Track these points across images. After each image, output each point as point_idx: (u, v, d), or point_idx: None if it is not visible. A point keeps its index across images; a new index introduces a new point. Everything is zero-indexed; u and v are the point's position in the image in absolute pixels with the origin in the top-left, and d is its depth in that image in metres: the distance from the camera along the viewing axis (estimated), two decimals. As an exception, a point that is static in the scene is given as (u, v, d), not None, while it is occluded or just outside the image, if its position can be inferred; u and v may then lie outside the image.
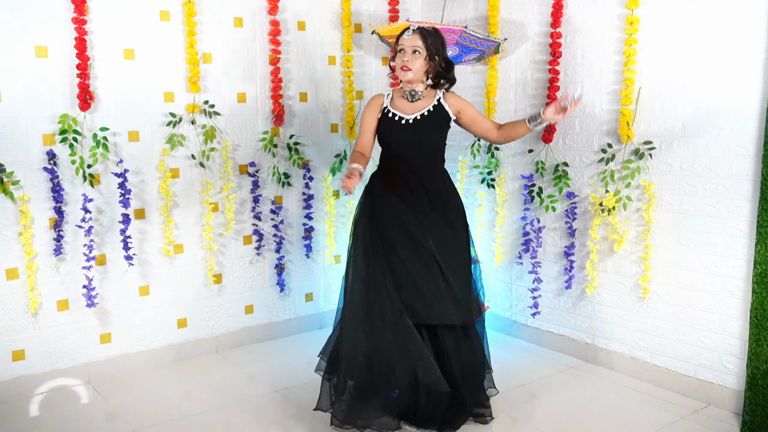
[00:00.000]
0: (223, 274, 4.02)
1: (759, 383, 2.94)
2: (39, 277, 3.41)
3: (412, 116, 3.08)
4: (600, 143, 3.59)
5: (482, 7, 4.12)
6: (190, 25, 3.66)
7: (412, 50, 3.00)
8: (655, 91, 3.33)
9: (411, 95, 3.10)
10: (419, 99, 3.10)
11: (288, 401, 3.37)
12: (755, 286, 2.95)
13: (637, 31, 3.33)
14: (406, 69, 3.02)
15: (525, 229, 3.97)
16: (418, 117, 3.08)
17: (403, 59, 3.02)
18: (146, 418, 3.18)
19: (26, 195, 3.32)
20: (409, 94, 3.11)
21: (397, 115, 3.09)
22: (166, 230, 3.72)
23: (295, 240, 4.25)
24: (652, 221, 3.38)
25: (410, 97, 3.10)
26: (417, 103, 3.11)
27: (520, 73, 3.98)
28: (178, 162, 3.76)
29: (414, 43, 3.00)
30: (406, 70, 3.02)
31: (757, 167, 2.98)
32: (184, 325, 3.91)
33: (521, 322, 4.15)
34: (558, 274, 3.89)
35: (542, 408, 3.27)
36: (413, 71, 3.02)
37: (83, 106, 3.40)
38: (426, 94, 3.12)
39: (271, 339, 4.21)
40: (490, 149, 4.12)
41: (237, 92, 3.92)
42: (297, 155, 4.13)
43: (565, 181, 3.74)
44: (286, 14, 4.05)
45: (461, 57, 3.60)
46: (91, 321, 3.60)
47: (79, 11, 3.34)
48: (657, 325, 3.45)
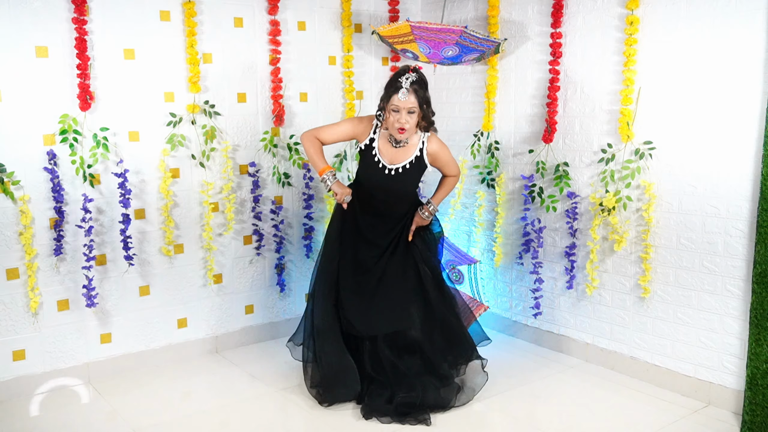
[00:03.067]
0: (223, 274, 4.02)
1: (759, 383, 2.94)
2: (39, 277, 3.41)
3: (395, 167, 3.20)
4: (600, 143, 3.59)
5: (482, 7, 4.12)
6: (190, 25, 3.66)
7: (407, 111, 3.07)
8: (655, 91, 3.33)
9: (396, 142, 3.20)
10: (403, 146, 3.21)
11: (288, 401, 3.37)
12: (755, 286, 2.95)
13: (637, 31, 3.33)
14: (402, 131, 3.10)
15: (525, 230, 3.97)
16: (400, 169, 3.20)
17: (399, 121, 3.08)
18: (146, 418, 3.18)
19: (26, 195, 3.32)
20: (394, 140, 3.20)
21: (381, 162, 3.20)
22: (166, 230, 3.72)
23: (295, 240, 4.25)
24: (652, 221, 3.38)
25: (395, 143, 3.20)
26: (400, 150, 3.21)
27: (520, 73, 3.98)
28: (178, 162, 3.76)
29: (409, 105, 3.05)
30: (402, 131, 3.11)
31: (757, 167, 2.98)
32: (184, 325, 3.91)
33: (521, 322, 4.15)
34: (558, 275, 3.89)
35: (542, 408, 3.27)
36: (408, 131, 3.12)
37: (83, 106, 3.40)
38: (410, 140, 3.22)
39: (271, 339, 4.21)
40: (490, 149, 4.12)
41: (237, 92, 3.92)
42: (297, 155, 4.13)
43: (565, 181, 3.74)
44: (286, 14, 4.05)
45: (461, 57, 3.60)
46: (91, 321, 3.60)
47: (79, 11, 3.34)
48: (657, 325, 3.45)
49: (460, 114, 4.33)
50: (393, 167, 3.19)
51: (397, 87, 3.05)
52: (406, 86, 3.03)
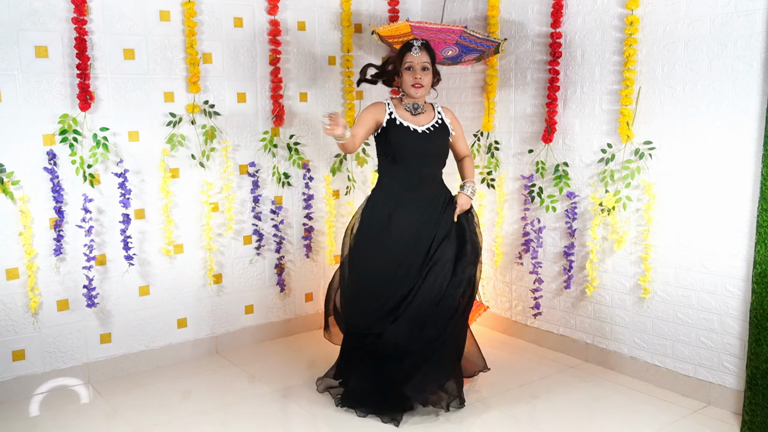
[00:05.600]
0: (223, 274, 4.02)
1: (759, 383, 2.94)
2: (39, 277, 3.41)
3: (424, 127, 3.17)
4: (600, 143, 3.59)
5: (482, 7, 4.12)
6: (190, 25, 3.66)
7: (421, 67, 3.11)
8: (655, 91, 3.33)
9: (414, 108, 3.19)
10: (421, 112, 3.20)
11: (288, 401, 3.37)
12: (755, 286, 2.95)
13: (637, 31, 3.33)
14: (418, 86, 3.12)
15: (525, 229, 3.97)
16: (431, 128, 3.19)
17: (415, 77, 3.10)
18: (146, 418, 3.18)
19: (26, 195, 3.32)
20: (412, 107, 3.19)
21: (411, 126, 3.16)
22: (166, 230, 3.72)
23: (295, 240, 4.25)
24: (652, 221, 3.38)
25: (413, 110, 3.20)
26: (420, 116, 3.20)
27: (520, 73, 3.98)
28: (178, 162, 3.76)
29: (423, 60, 3.10)
30: (418, 87, 3.12)
31: (757, 167, 2.98)
32: (184, 325, 3.91)
33: (521, 322, 4.15)
34: (558, 274, 3.89)
35: (542, 408, 3.27)
36: (425, 87, 3.13)
37: (83, 106, 3.40)
38: (426, 107, 3.22)
39: (271, 339, 4.21)
40: (489, 149, 4.12)
41: (237, 92, 3.92)
42: (297, 155, 4.14)
43: (565, 181, 3.74)
44: (286, 14, 4.05)
45: (461, 57, 3.60)
46: (91, 321, 3.60)
47: (79, 11, 3.34)
48: (657, 325, 3.45)
49: (460, 114, 4.33)
50: (422, 127, 3.18)
51: (410, 46, 3.14)
52: (418, 45, 3.13)
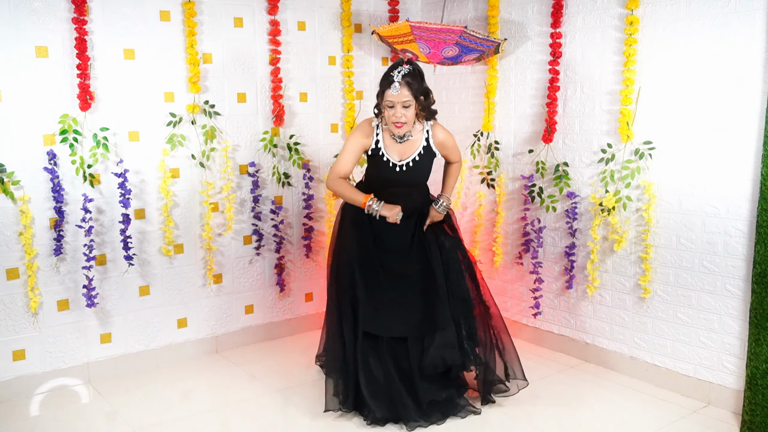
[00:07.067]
0: (223, 274, 4.02)
1: (758, 383, 2.94)
2: (39, 277, 3.41)
3: (404, 162, 3.15)
4: (600, 143, 3.59)
5: (482, 7, 4.12)
6: (190, 25, 3.66)
7: (402, 105, 3.00)
8: (655, 91, 3.33)
9: (399, 137, 3.14)
10: (408, 139, 3.15)
11: (288, 401, 3.37)
12: (755, 285, 2.95)
13: (637, 31, 3.33)
14: (399, 125, 3.05)
15: (525, 230, 3.97)
16: (410, 163, 3.15)
17: (395, 115, 3.01)
18: (146, 418, 3.18)
19: (26, 195, 3.32)
20: (398, 137, 3.14)
21: (390, 161, 3.14)
22: (166, 230, 3.72)
23: (295, 240, 4.25)
24: (652, 221, 3.38)
25: (399, 138, 3.14)
26: (406, 144, 3.16)
27: (520, 73, 3.98)
28: (178, 162, 3.76)
29: (403, 98, 2.98)
30: (399, 126, 3.05)
31: (757, 167, 2.98)
32: (184, 325, 3.91)
33: (521, 322, 4.15)
34: (558, 274, 3.89)
35: (542, 408, 3.27)
36: (408, 123, 3.06)
37: (83, 106, 3.40)
38: (414, 131, 3.16)
39: (271, 339, 4.21)
40: (489, 149, 4.12)
41: (237, 92, 3.92)
42: (297, 155, 4.14)
43: (565, 181, 3.74)
44: (286, 14, 4.05)
45: (461, 57, 3.60)
46: (91, 321, 3.60)
47: (79, 11, 3.34)
48: (657, 325, 3.45)
49: (460, 114, 4.33)
50: (403, 162, 3.14)
51: (389, 81, 2.99)
52: (398, 80, 2.97)
